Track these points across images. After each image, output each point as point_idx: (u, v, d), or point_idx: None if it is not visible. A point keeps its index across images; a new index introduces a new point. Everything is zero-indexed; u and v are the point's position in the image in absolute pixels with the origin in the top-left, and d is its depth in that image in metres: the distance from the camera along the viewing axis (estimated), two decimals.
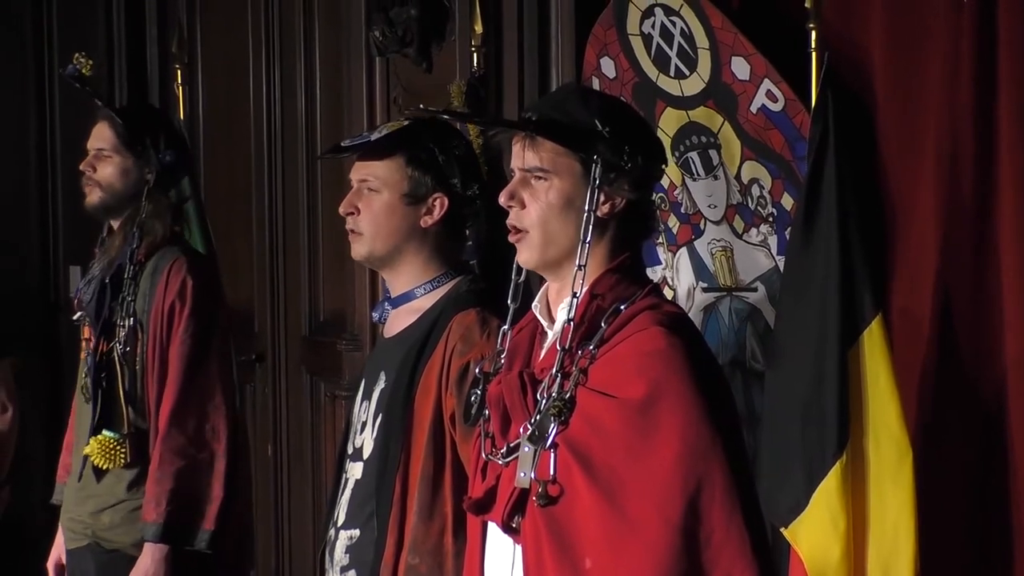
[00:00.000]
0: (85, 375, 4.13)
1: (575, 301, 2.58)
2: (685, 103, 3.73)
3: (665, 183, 3.78)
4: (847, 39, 3.57)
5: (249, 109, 6.01)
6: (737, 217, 3.69)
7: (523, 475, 2.55)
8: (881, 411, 3.23)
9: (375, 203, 3.19)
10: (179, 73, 5.76)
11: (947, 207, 3.39)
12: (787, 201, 3.57)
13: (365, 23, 4.89)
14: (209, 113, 6.37)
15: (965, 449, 3.40)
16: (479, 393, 2.68)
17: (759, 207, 3.64)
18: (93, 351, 4.09)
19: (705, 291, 3.77)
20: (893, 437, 3.21)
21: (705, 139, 3.71)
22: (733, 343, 3.71)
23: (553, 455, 2.53)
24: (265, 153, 5.92)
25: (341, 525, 3.21)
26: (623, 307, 2.58)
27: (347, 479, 3.22)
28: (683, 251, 3.81)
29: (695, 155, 3.74)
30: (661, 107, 3.78)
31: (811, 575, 3.24)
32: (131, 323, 4.06)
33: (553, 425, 2.54)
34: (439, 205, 3.19)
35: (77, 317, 4.23)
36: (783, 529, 3.27)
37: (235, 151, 6.14)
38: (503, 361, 2.68)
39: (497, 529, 2.65)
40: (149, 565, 3.99)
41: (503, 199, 2.63)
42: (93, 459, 4.02)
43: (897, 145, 3.52)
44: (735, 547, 2.49)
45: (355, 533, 3.17)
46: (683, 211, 3.80)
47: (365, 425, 3.21)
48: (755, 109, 3.58)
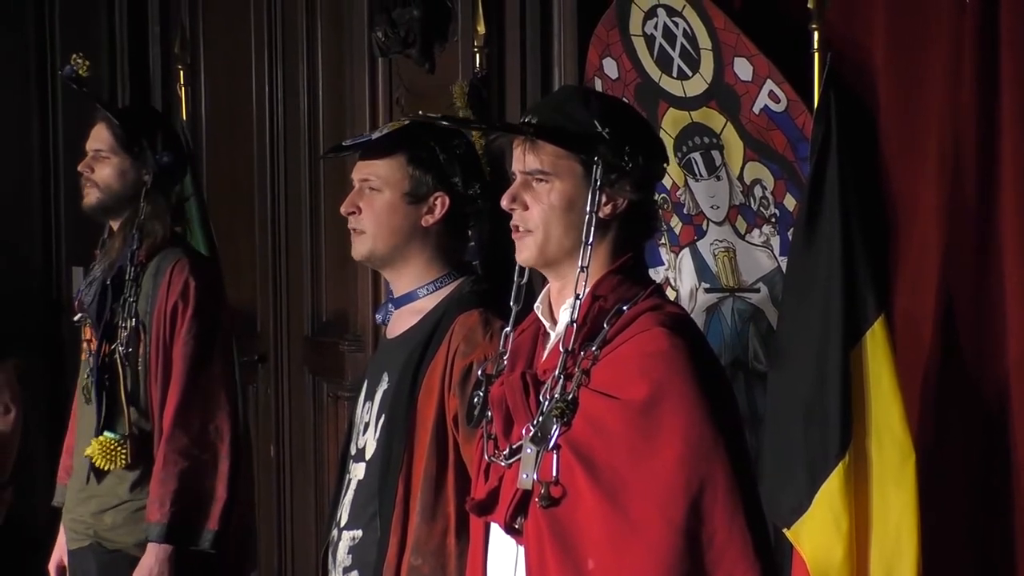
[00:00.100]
0: (87, 376, 4.13)
1: (578, 302, 2.58)
2: (687, 104, 3.73)
3: (668, 184, 3.78)
4: (849, 40, 3.57)
5: (252, 110, 6.01)
6: (740, 218, 3.69)
7: (525, 476, 2.55)
8: (884, 412, 3.22)
9: (377, 202, 3.19)
10: (181, 74, 5.76)
11: (949, 208, 3.39)
12: (789, 202, 3.57)
13: (367, 24, 4.89)
14: (211, 114, 6.37)
15: (967, 449, 3.40)
16: (482, 394, 2.69)
17: (761, 208, 3.64)
18: (95, 352, 4.09)
19: (708, 292, 3.77)
20: (895, 438, 3.21)
21: (708, 140, 3.71)
22: (735, 344, 3.71)
23: (555, 456, 2.53)
24: (268, 154, 5.92)
25: (344, 526, 3.21)
26: (625, 308, 2.58)
27: (350, 480, 3.22)
28: (686, 252, 3.81)
29: (697, 156, 3.74)
30: (664, 108, 3.78)
31: None
32: (133, 324, 4.06)
33: (556, 426, 2.54)
34: (440, 204, 3.19)
35: (78, 319, 4.23)
36: (786, 530, 3.27)
37: (237, 152, 6.14)
38: (505, 362, 2.68)
39: (500, 530, 2.65)
40: (153, 565, 4.00)
41: (505, 202, 2.63)
42: (94, 460, 4.03)
43: (899, 146, 3.52)
44: (737, 548, 2.49)
45: (358, 534, 3.18)
46: (686, 212, 3.79)
47: (368, 426, 3.21)
48: (757, 110, 3.58)
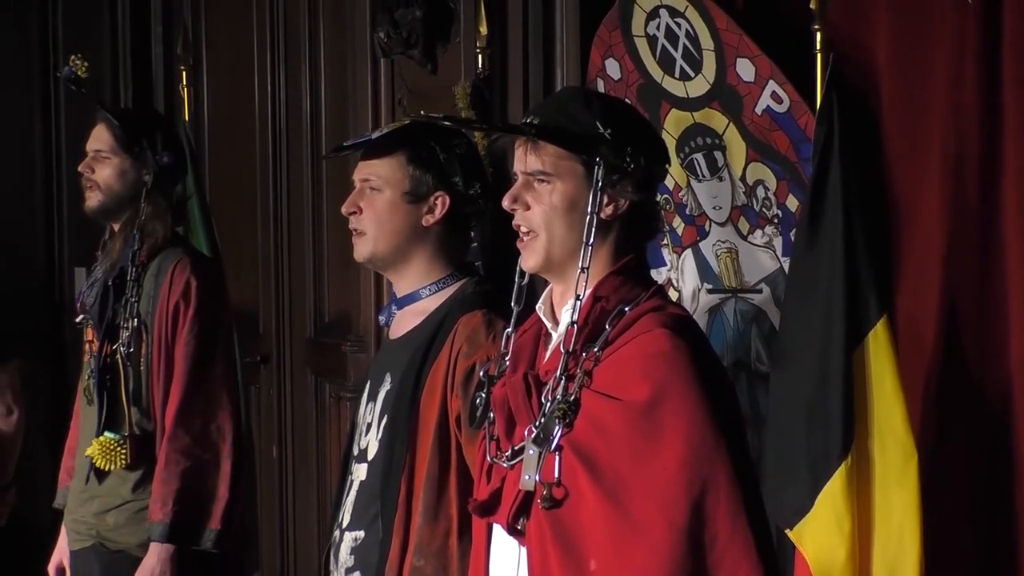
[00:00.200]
0: (88, 377, 4.14)
1: (579, 303, 2.57)
2: (690, 104, 3.73)
3: (670, 184, 3.78)
4: (852, 40, 3.57)
5: (254, 110, 6.01)
6: (742, 218, 3.68)
7: (528, 478, 2.55)
8: (886, 413, 3.22)
9: (377, 202, 3.19)
10: (184, 74, 5.76)
11: (952, 208, 3.39)
12: (792, 203, 3.57)
13: (370, 24, 4.89)
14: (214, 114, 6.37)
15: (970, 450, 3.40)
16: (484, 396, 2.68)
17: (764, 208, 3.63)
18: (97, 353, 4.09)
19: (710, 292, 3.77)
20: (898, 439, 3.21)
21: (710, 140, 3.70)
22: (738, 345, 3.71)
23: (558, 458, 2.53)
24: (270, 155, 5.92)
25: (346, 527, 3.21)
26: (627, 309, 2.58)
27: (352, 481, 3.22)
28: (688, 252, 3.81)
29: (700, 156, 3.74)
30: (666, 109, 3.77)
31: None
32: (135, 324, 4.06)
33: (558, 428, 2.54)
34: (441, 204, 3.19)
35: (80, 320, 4.24)
36: (788, 531, 3.27)
37: (240, 152, 6.14)
38: (507, 363, 2.68)
39: (502, 531, 2.65)
40: (155, 564, 4.00)
41: (506, 203, 2.63)
42: (94, 460, 4.03)
43: (902, 146, 3.51)
44: (739, 549, 2.48)
45: (360, 535, 3.17)
46: (688, 212, 3.79)
47: (370, 427, 3.21)
48: (760, 110, 3.58)
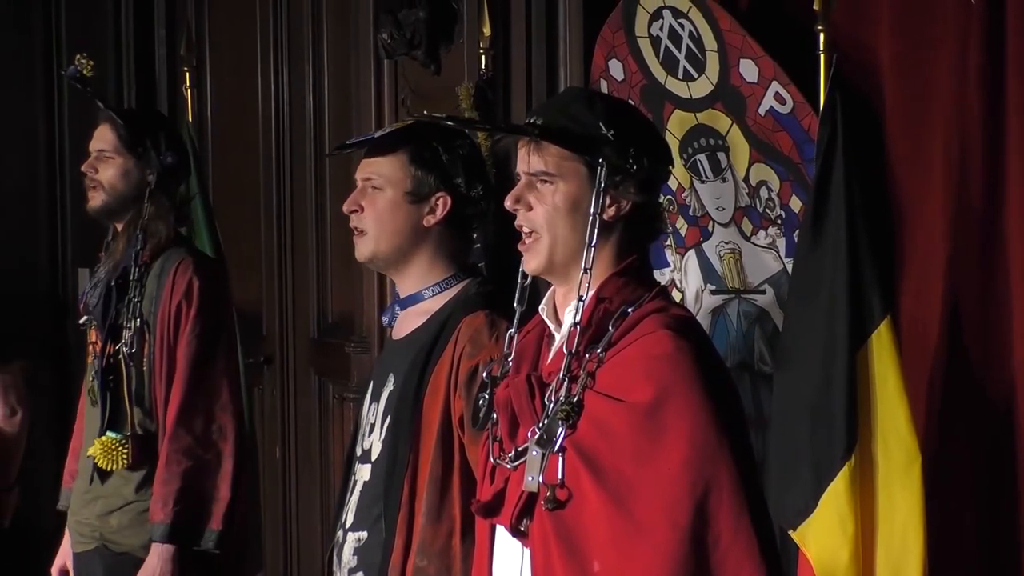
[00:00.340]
0: (92, 378, 4.14)
1: (581, 304, 2.57)
2: (693, 105, 3.73)
3: (673, 185, 3.78)
4: (855, 41, 3.57)
5: (257, 111, 6.02)
6: (745, 219, 3.68)
7: (531, 479, 2.55)
8: (890, 414, 3.22)
9: (379, 201, 3.19)
10: (187, 75, 5.76)
11: (955, 209, 3.39)
12: (795, 203, 3.57)
13: (373, 25, 4.89)
14: (217, 115, 6.37)
15: (973, 451, 3.40)
16: (487, 397, 2.68)
17: (767, 209, 3.63)
18: (100, 354, 4.09)
19: (713, 293, 3.77)
20: (902, 440, 3.21)
21: (713, 141, 3.70)
22: (741, 346, 3.71)
23: (561, 459, 2.53)
24: (273, 155, 5.92)
25: (349, 527, 3.21)
26: (630, 310, 2.58)
27: (355, 481, 3.22)
28: (691, 253, 3.81)
29: (703, 157, 3.74)
30: (669, 109, 3.77)
31: None
32: (137, 324, 4.06)
33: (561, 429, 2.53)
34: (442, 204, 3.19)
35: (84, 321, 4.24)
36: (791, 532, 3.27)
37: (243, 153, 6.14)
38: (510, 364, 2.68)
39: (505, 532, 2.65)
40: (156, 565, 3.99)
41: (509, 203, 2.63)
42: (96, 460, 4.03)
43: (905, 147, 3.51)
44: (743, 550, 2.48)
45: (363, 535, 3.18)
46: (691, 213, 3.79)
47: (373, 427, 3.21)
48: (763, 111, 3.58)
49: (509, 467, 2.62)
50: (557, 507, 2.52)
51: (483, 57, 4.29)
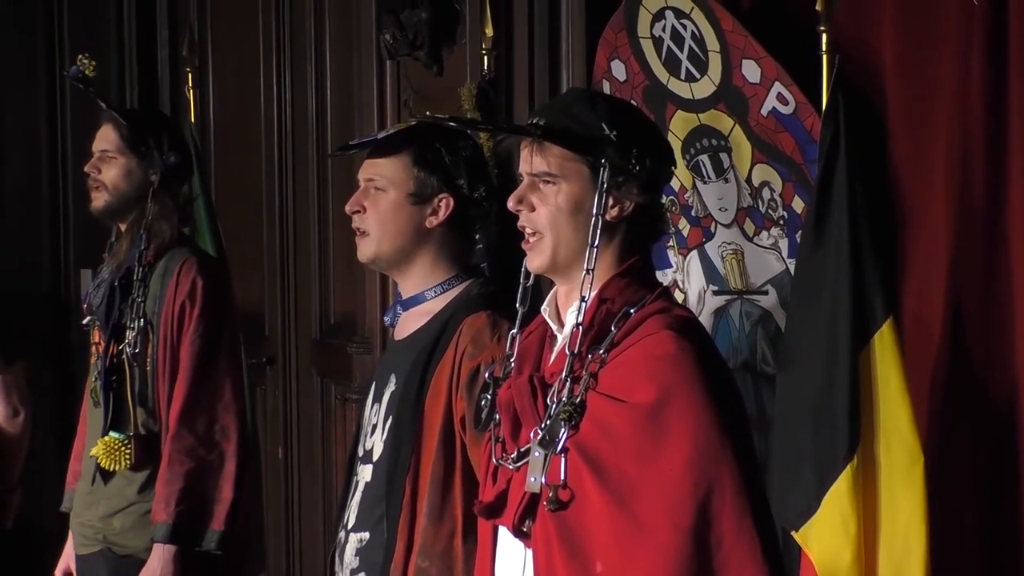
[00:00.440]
0: (95, 379, 4.13)
1: (584, 305, 2.57)
2: (696, 106, 3.73)
3: (676, 186, 3.78)
4: (858, 42, 3.57)
5: (260, 112, 6.02)
6: (748, 220, 3.68)
7: (534, 479, 2.55)
8: (892, 414, 3.22)
9: (381, 202, 3.19)
10: (190, 76, 5.76)
11: (958, 209, 3.39)
12: (798, 204, 3.57)
13: (376, 26, 4.89)
14: (220, 116, 6.38)
15: (976, 452, 3.40)
16: (489, 397, 2.68)
17: (770, 210, 3.63)
18: (103, 354, 4.09)
19: (716, 294, 3.77)
20: (904, 440, 3.21)
21: (716, 142, 3.70)
22: (744, 346, 3.71)
23: (564, 459, 2.53)
24: (276, 156, 5.92)
25: (351, 528, 3.21)
26: (633, 311, 2.58)
27: (357, 482, 3.22)
28: (694, 254, 3.81)
29: (706, 158, 3.74)
30: (672, 110, 3.77)
31: None
32: (141, 324, 4.05)
33: (563, 429, 2.53)
34: (444, 206, 3.19)
35: (87, 321, 4.23)
36: (794, 532, 3.27)
37: (246, 154, 6.14)
38: (513, 365, 2.68)
39: (508, 533, 2.65)
40: (158, 566, 3.99)
41: (511, 203, 2.63)
42: (99, 460, 4.02)
43: (908, 147, 3.51)
44: (745, 551, 2.48)
45: (365, 536, 3.17)
46: (694, 214, 3.79)
47: (375, 428, 3.21)
48: (766, 112, 3.58)
49: (511, 468, 2.62)
50: (559, 508, 2.52)
51: (485, 58, 4.29)
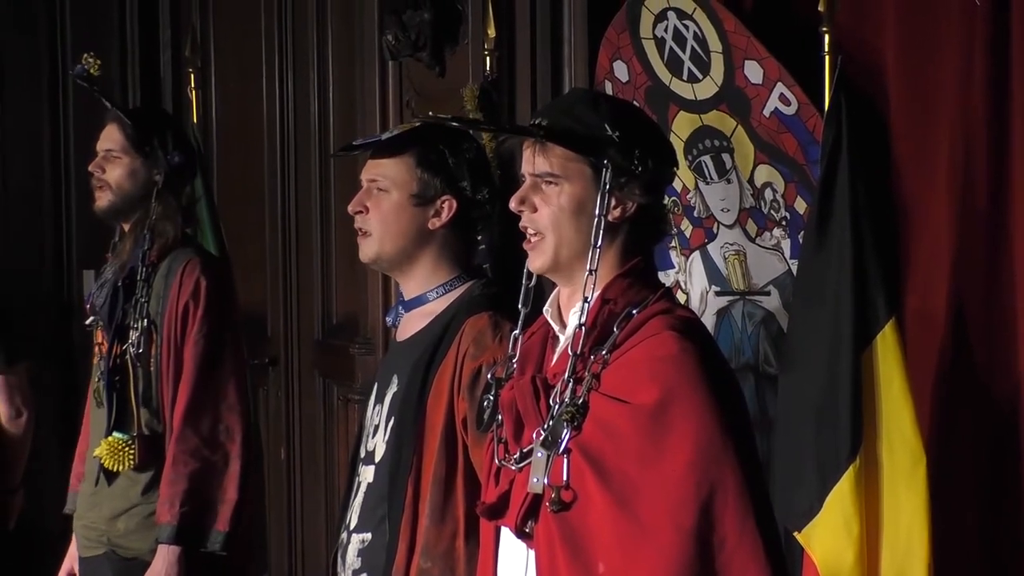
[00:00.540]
0: (98, 379, 4.13)
1: (586, 306, 2.57)
2: (698, 107, 3.73)
3: (678, 187, 3.78)
4: (860, 42, 3.57)
5: (262, 113, 6.02)
6: (750, 221, 3.68)
7: (536, 480, 2.55)
8: (895, 415, 3.22)
9: (384, 203, 3.19)
10: (192, 77, 5.77)
11: (960, 210, 3.39)
12: (800, 205, 3.57)
13: (378, 27, 4.89)
14: (222, 117, 6.38)
15: (978, 452, 3.40)
16: (491, 398, 2.68)
17: (772, 211, 3.63)
18: (107, 355, 4.09)
19: (718, 295, 3.77)
20: (907, 441, 3.21)
21: (718, 143, 3.70)
22: (746, 347, 3.71)
23: (566, 460, 2.53)
24: (278, 157, 5.92)
25: (353, 529, 3.21)
26: (635, 312, 2.57)
27: (359, 483, 3.22)
28: (696, 255, 3.81)
29: (708, 159, 3.74)
30: (674, 111, 3.78)
31: None
32: (145, 324, 4.05)
33: (566, 430, 2.53)
34: (447, 208, 3.19)
35: (90, 322, 4.23)
36: (796, 533, 3.27)
37: (248, 155, 6.15)
38: (515, 366, 2.68)
39: (510, 534, 2.64)
40: (162, 567, 3.98)
41: (514, 204, 2.63)
42: (103, 460, 4.02)
43: (910, 148, 3.51)
44: (748, 552, 2.48)
45: (367, 537, 3.17)
46: (696, 215, 3.79)
47: (377, 429, 3.21)
48: (768, 113, 3.58)
49: (514, 469, 2.62)
50: (562, 509, 2.52)
51: (488, 59, 4.29)
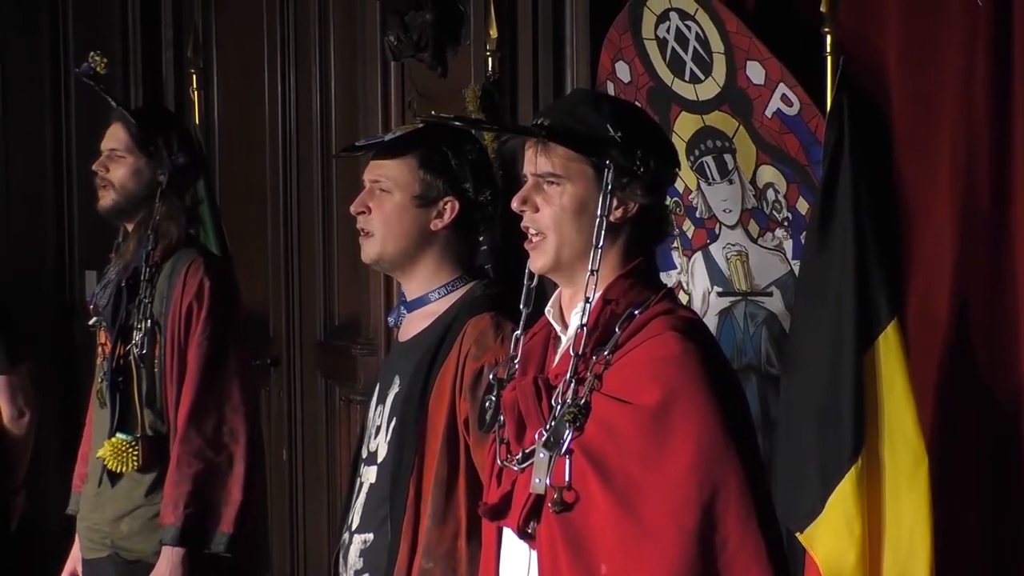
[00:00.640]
0: (101, 380, 4.13)
1: (588, 306, 2.57)
2: (700, 107, 3.73)
3: (680, 187, 3.78)
4: (862, 42, 3.57)
5: (264, 113, 6.02)
6: (752, 221, 3.68)
7: (538, 481, 2.55)
8: (897, 415, 3.22)
9: (386, 204, 3.19)
10: (194, 77, 5.76)
11: (962, 210, 3.39)
12: (802, 205, 3.57)
13: (380, 27, 4.89)
14: (224, 118, 6.38)
15: (980, 453, 3.40)
16: (493, 399, 2.68)
17: (774, 211, 3.63)
18: (110, 355, 4.08)
19: (720, 296, 3.77)
20: (909, 441, 3.21)
21: (720, 143, 3.70)
22: (748, 348, 3.71)
23: (568, 461, 2.53)
24: (280, 158, 5.92)
25: (355, 529, 3.21)
26: (637, 312, 2.58)
27: (361, 483, 3.22)
28: (698, 255, 3.81)
29: (710, 159, 3.74)
30: (676, 111, 3.77)
31: None
32: (148, 325, 4.05)
33: (568, 431, 2.53)
34: (450, 209, 3.19)
35: (93, 322, 4.22)
36: (798, 534, 3.27)
37: (250, 156, 6.14)
38: (517, 366, 2.68)
39: (512, 535, 2.64)
40: (166, 568, 3.97)
41: (516, 204, 2.63)
42: (106, 461, 4.02)
43: (912, 148, 3.51)
44: (750, 553, 2.48)
45: (369, 537, 3.18)
46: (698, 215, 3.79)
47: (379, 429, 3.21)
48: (770, 113, 3.58)
49: (516, 469, 2.62)
50: (564, 509, 2.52)
51: (490, 59, 4.29)
